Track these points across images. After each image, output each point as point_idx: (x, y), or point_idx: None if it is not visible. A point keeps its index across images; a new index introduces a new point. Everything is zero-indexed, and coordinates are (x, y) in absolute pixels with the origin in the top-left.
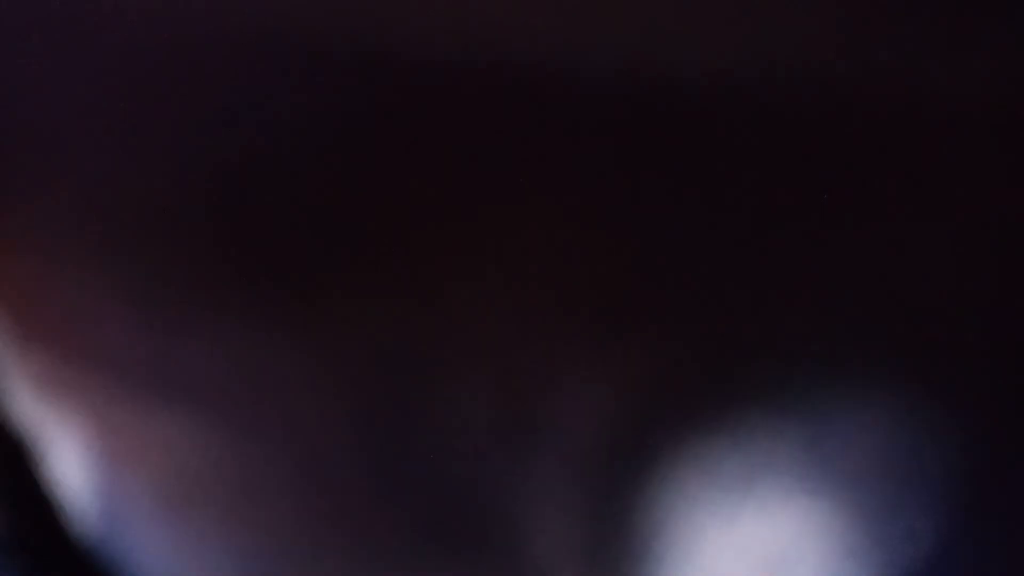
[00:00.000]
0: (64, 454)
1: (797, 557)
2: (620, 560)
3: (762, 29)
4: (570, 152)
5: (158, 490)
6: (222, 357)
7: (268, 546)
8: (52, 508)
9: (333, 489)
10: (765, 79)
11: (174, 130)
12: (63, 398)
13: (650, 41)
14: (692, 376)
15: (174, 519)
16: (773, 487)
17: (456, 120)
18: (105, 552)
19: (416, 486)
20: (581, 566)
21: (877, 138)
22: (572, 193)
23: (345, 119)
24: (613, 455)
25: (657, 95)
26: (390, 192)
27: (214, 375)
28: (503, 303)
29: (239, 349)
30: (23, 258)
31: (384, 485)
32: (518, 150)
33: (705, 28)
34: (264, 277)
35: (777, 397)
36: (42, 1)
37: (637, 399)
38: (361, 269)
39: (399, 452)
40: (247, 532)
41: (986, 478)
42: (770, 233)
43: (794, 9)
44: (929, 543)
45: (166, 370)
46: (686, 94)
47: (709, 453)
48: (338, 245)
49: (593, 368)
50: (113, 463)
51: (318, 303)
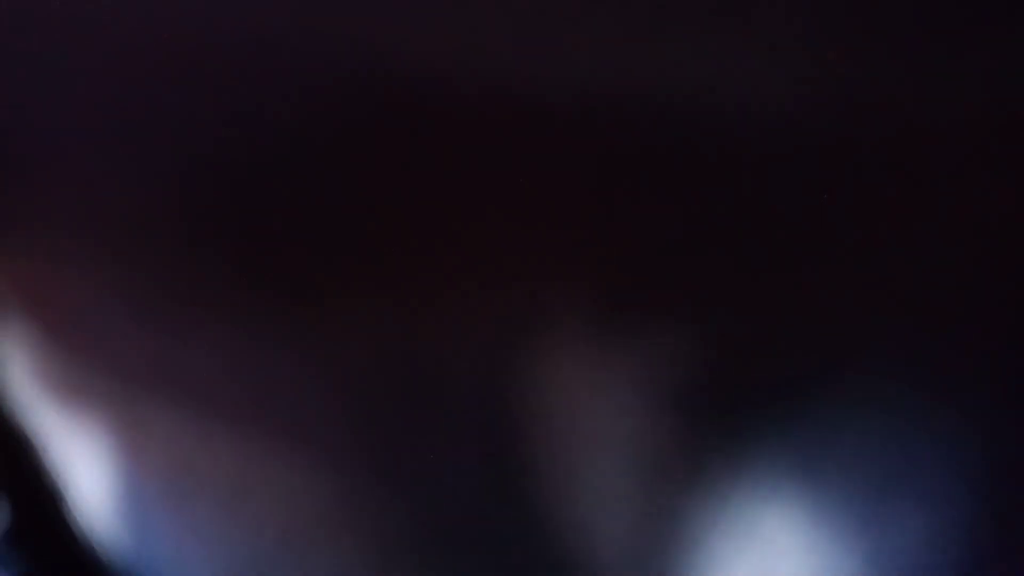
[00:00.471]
0: (70, 454)
1: (817, 558)
2: (629, 564)
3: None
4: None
5: (163, 488)
6: (225, 358)
7: (271, 543)
8: (55, 506)
9: (336, 487)
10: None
11: (180, 138)
12: (68, 400)
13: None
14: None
15: (178, 517)
16: (789, 493)
17: (454, 130)
18: (109, 550)
19: (416, 484)
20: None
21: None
22: (573, 199)
23: (346, 128)
24: (623, 459)
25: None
26: (391, 196)
27: (217, 376)
28: (503, 304)
29: (242, 351)
30: (30, 263)
31: (385, 483)
32: (514, 162)
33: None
34: (267, 281)
35: (794, 399)
36: (47, 11)
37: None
38: (362, 273)
39: (399, 451)
40: (250, 529)
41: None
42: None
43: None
44: (950, 543)
45: (170, 371)
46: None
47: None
48: (339, 249)
49: (595, 367)
50: (119, 462)
51: (319, 306)
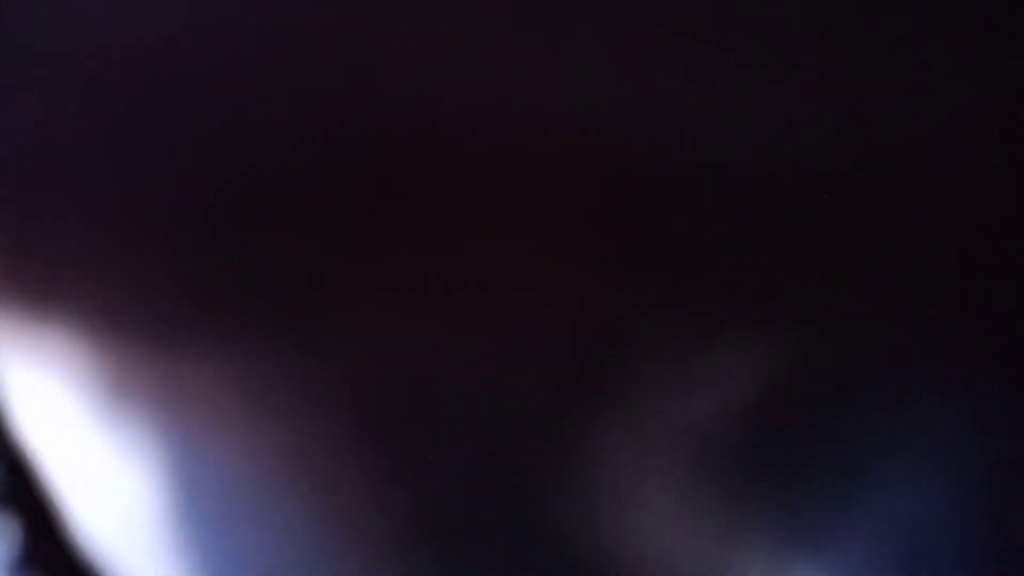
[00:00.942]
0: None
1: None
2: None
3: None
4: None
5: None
6: (226, 367)
7: (275, 551)
8: (66, 528)
9: (340, 495)
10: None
11: (179, 148)
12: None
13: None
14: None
15: (182, 534)
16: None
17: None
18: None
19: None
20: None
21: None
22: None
23: (347, 141)
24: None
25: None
26: (395, 206)
27: (218, 384)
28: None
29: (244, 360)
30: (27, 270)
31: (391, 491)
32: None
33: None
34: (269, 290)
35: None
36: (45, 25)
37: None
38: (364, 280)
39: (406, 461)
40: (253, 538)
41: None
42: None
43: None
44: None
45: (169, 380)
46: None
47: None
48: (341, 257)
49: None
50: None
51: (322, 315)
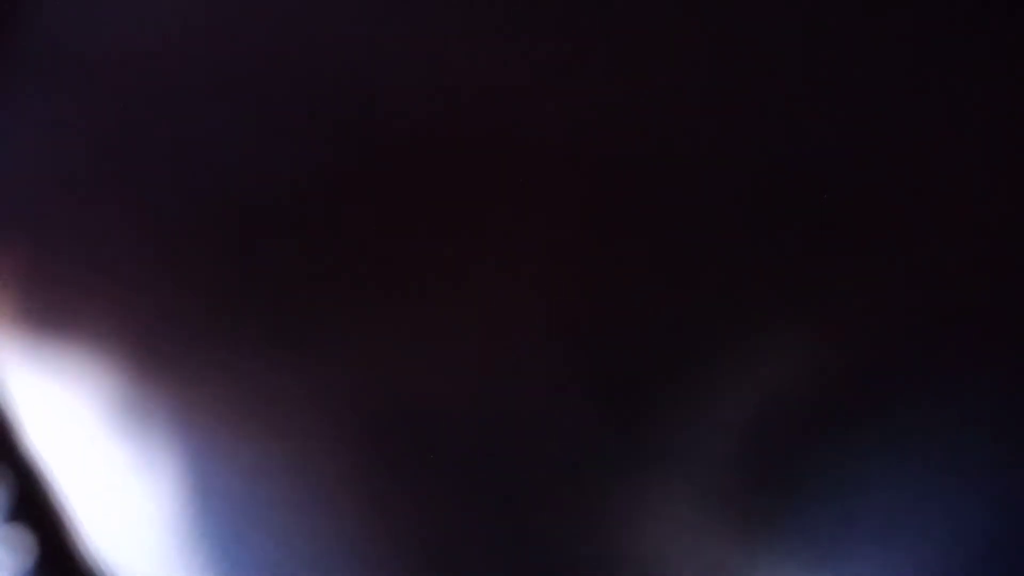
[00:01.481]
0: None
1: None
2: None
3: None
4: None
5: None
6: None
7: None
8: (73, 536)
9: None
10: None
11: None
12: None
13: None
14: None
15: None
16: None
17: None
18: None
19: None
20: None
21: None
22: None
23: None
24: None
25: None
26: (398, 219)
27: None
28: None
29: (253, 374)
30: (45, 287)
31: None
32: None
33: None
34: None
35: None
36: (65, 48)
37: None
38: (370, 294)
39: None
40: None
41: None
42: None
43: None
44: None
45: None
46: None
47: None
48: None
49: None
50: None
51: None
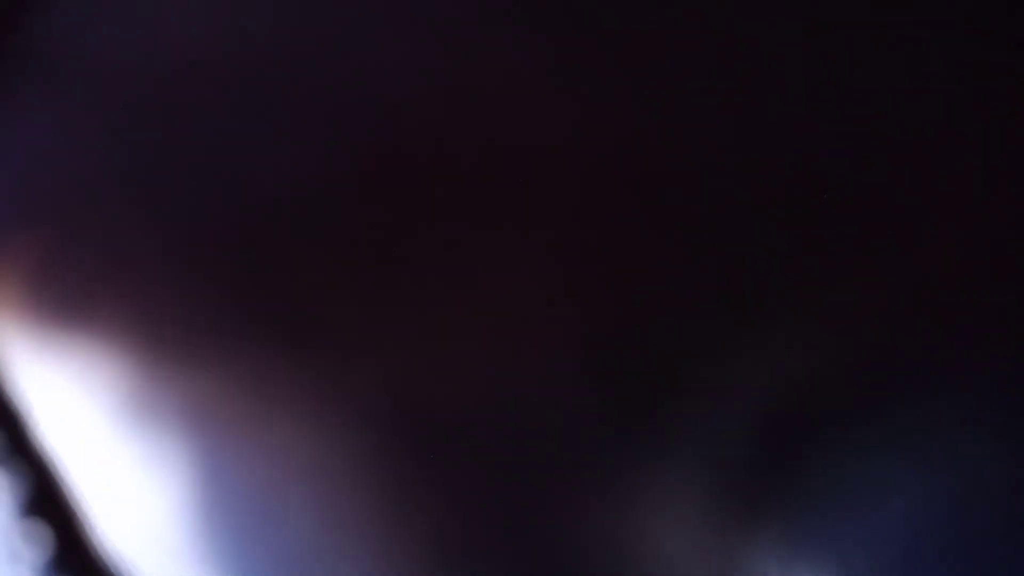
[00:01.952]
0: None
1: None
2: None
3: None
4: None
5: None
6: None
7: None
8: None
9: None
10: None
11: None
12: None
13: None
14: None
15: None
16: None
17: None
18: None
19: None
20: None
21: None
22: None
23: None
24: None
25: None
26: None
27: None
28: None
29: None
30: (57, 284)
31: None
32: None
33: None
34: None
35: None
36: (84, 46)
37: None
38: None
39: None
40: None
41: None
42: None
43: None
44: None
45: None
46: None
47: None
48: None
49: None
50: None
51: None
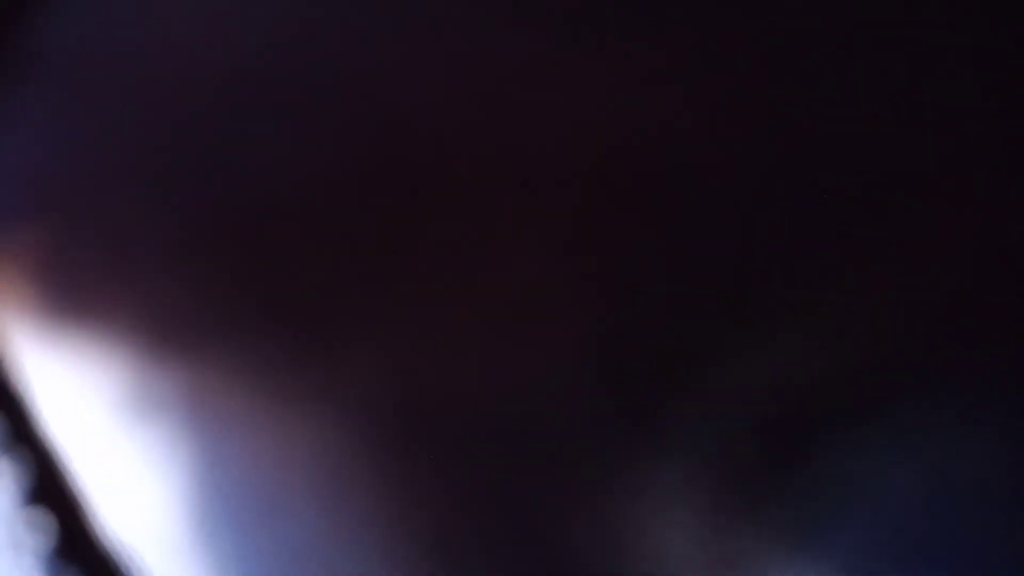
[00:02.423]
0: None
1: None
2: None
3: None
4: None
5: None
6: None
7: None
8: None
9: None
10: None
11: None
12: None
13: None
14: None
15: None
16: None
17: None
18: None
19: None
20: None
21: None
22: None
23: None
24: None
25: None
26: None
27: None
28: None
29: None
30: (62, 279)
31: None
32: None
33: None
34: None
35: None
36: (86, 46)
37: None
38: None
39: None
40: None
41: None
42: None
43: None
44: None
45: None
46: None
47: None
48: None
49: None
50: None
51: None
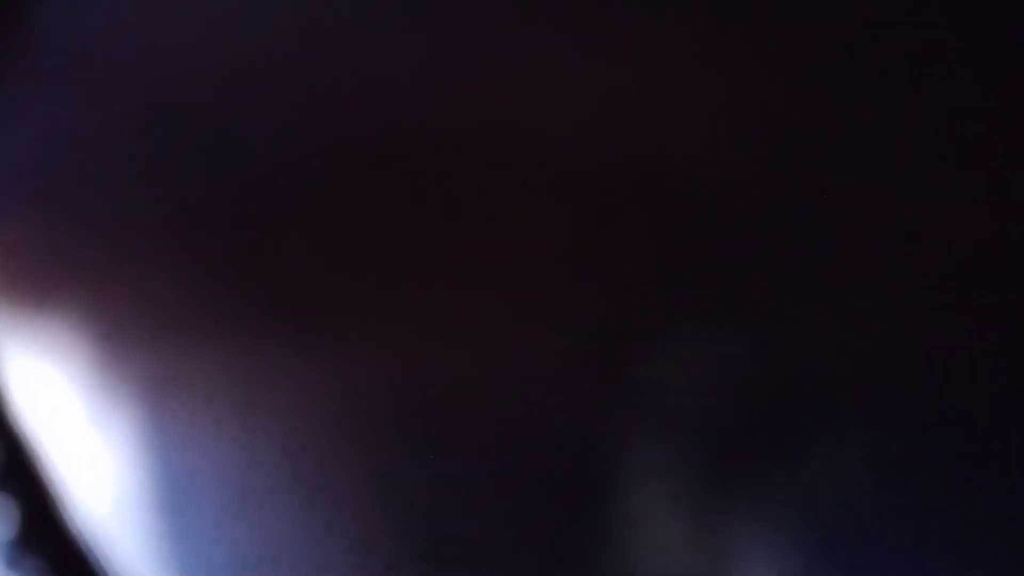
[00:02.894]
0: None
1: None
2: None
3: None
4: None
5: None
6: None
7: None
8: (63, 511)
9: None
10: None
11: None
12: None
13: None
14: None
15: (176, 522)
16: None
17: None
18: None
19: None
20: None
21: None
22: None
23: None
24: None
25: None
26: (395, 209)
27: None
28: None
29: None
30: (33, 262)
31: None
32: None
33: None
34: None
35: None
36: (60, 35)
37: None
38: (364, 282)
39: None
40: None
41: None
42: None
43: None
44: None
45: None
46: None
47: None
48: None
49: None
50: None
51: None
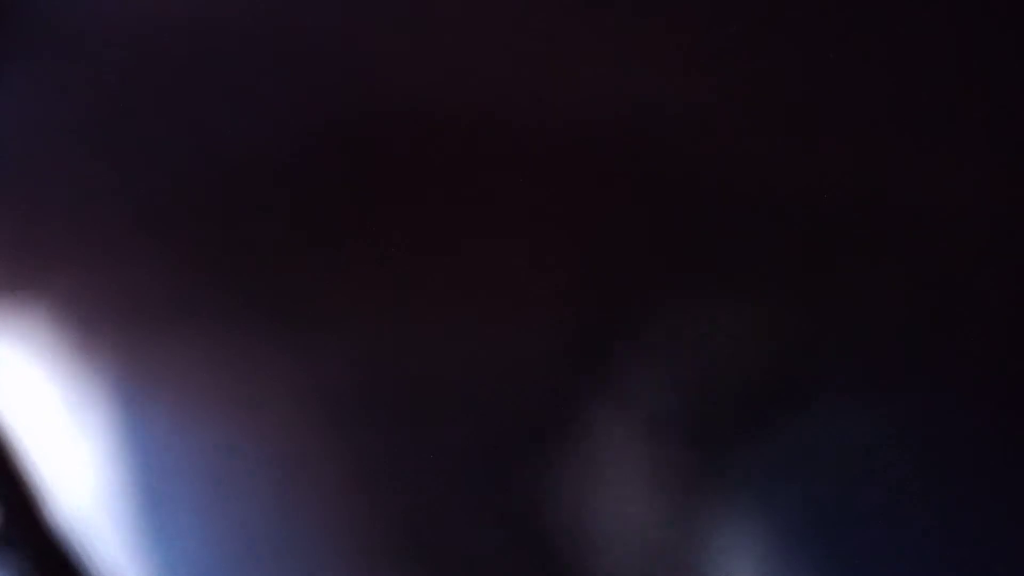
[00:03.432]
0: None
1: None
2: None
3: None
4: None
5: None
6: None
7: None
8: (43, 507)
9: (310, 488)
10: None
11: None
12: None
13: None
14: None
15: (156, 517)
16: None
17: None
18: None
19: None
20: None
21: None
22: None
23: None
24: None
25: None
26: (387, 202)
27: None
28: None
29: (225, 349)
30: (12, 254)
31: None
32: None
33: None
34: (256, 284)
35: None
36: (49, 22)
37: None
38: (352, 276)
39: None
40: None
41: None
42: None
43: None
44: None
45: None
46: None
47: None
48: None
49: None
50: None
51: (307, 310)
